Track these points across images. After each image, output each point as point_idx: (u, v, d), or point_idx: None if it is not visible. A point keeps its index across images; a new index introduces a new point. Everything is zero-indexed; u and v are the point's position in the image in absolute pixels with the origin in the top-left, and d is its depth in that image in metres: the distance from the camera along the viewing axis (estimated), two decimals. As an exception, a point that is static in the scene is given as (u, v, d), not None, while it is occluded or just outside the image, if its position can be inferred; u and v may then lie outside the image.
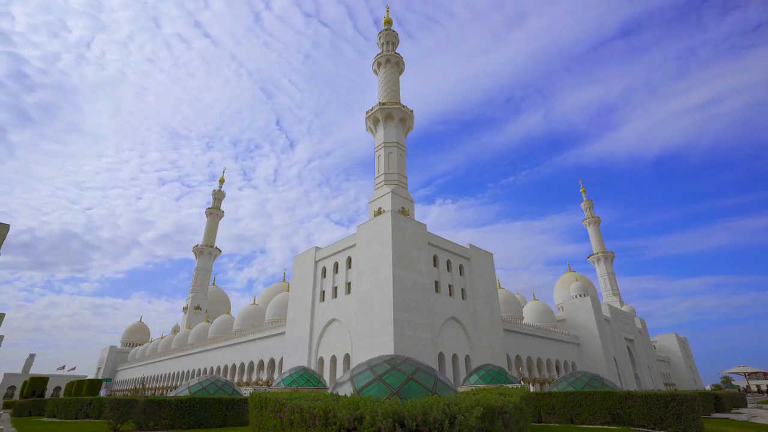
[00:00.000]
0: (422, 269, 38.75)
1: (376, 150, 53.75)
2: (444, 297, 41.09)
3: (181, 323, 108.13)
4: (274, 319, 60.39)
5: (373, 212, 48.29)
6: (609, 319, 73.40)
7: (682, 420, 16.15)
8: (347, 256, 42.47)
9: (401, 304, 34.89)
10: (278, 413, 8.21)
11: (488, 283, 48.41)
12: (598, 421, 18.48)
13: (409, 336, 34.53)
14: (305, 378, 28.70)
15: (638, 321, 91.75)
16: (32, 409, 37.25)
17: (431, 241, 41.98)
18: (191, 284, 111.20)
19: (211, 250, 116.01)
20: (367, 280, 37.74)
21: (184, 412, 18.36)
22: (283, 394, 9.70)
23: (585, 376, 23.23)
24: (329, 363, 39.94)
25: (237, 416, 19.81)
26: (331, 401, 7.20)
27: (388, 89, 58.20)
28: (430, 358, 35.54)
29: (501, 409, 7.20)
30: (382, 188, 49.82)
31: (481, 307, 45.33)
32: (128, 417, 18.51)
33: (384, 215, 39.12)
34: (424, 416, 6.08)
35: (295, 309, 47.48)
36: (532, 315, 70.62)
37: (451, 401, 6.84)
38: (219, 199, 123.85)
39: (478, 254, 48.37)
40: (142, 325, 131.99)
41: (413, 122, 56.69)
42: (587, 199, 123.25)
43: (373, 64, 61.85)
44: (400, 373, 10.97)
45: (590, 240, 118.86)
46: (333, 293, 43.06)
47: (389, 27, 63.85)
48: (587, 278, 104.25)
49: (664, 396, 16.99)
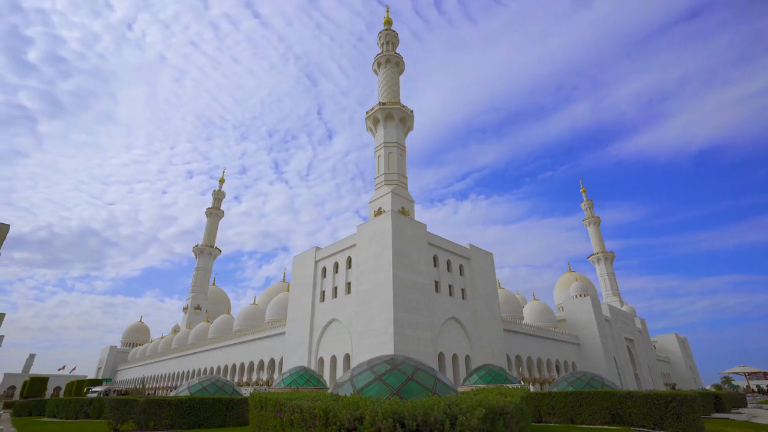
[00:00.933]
0: (422, 269, 38.75)
1: (376, 150, 53.76)
2: (444, 297, 41.08)
3: (181, 323, 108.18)
4: (274, 319, 60.38)
5: (373, 212, 48.30)
6: (609, 319, 73.42)
7: (682, 420, 16.15)
8: (347, 256, 42.46)
9: (401, 304, 34.88)
10: (278, 413, 8.20)
11: (488, 283, 48.40)
12: (598, 421, 18.48)
13: (409, 336, 34.52)
14: (305, 378, 28.70)
15: (638, 321, 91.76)
16: (32, 409, 37.21)
17: (431, 241, 41.98)
18: (191, 284, 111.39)
19: (211, 250, 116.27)
20: (367, 280, 37.73)
21: (184, 412, 18.35)
22: (283, 394, 9.69)
23: (585, 376, 23.23)
24: (329, 363, 39.93)
25: (237, 416, 19.79)
26: (331, 401, 7.19)
27: (388, 89, 58.18)
28: (430, 358, 35.53)
29: (502, 409, 7.18)
30: (382, 188, 49.83)
31: (481, 307, 45.33)
32: (128, 417, 18.49)
33: (384, 215, 39.11)
34: (424, 416, 6.07)
35: (295, 309, 47.47)
36: (532, 315, 70.62)
37: (452, 401, 6.83)
38: (219, 199, 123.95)
39: (478, 254, 48.36)
40: (142, 325, 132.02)
41: (413, 122, 56.69)
42: (587, 199, 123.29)
43: (373, 64, 61.84)
44: (400, 373, 10.95)
45: (590, 240, 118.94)
46: (333, 293, 43.05)
47: (389, 27, 63.81)
48: (587, 278, 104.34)
49: (664, 396, 16.98)
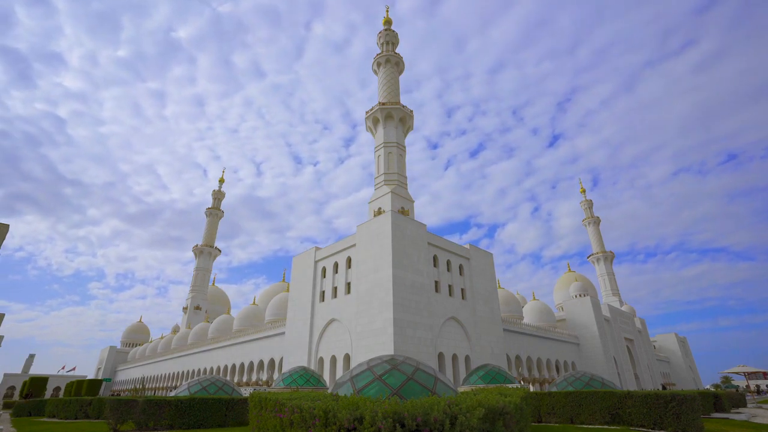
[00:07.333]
0: (422, 269, 38.74)
1: (375, 150, 53.75)
2: (444, 297, 41.08)
3: (181, 323, 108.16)
4: (274, 319, 60.36)
5: (372, 212, 48.29)
6: (609, 319, 73.43)
7: (681, 420, 16.15)
8: (347, 256, 42.45)
9: (401, 304, 34.88)
10: (278, 413, 8.21)
11: (488, 283, 48.41)
12: (597, 421, 18.48)
13: (409, 336, 34.52)
14: (305, 378, 28.68)
15: (638, 321, 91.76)
16: (32, 410, 37.21)
17: (431, 241, 41.98)
18: (191, 284, 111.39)
19: (211, 250, 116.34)
20: (366, 280, 37.72)
21: (184, 412, 18.35)
22: (283, 394, 9.70)
23: (585, 376, 23.24)
24: (329, 363, 39.92)
25: (237, 416, 19.79)
26: (331, 401, 7.19)
27: (387, 89, 58.20)
28: (430, 358, 35.52)
29: (502, 409, 7.19)
30: (381, 188, 49.83)
31: (481, 307, 45.33)
32: (128, 417, 18.49)
33: (384, 215, 39.10)
34: (424, 416, 6.07)
35: (294, 309, 47.46)
36: (532, 315, 70.62)
37: (452, 401, 6.83)
38: (219, 199, 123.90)
39: (477, 254, 48.38)
40: (142, 325, 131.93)
41: (413, 122, 56.70)
42: (586, 198, 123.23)
43: (373, 64, 61.84)
44: (400, 373, 10.95)
45: (590, 240, 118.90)
46: (333, 293, 43.04)
47: (389, 27, 63.81)
48: (587, 278, 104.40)
49: (663, 396, 16.98)
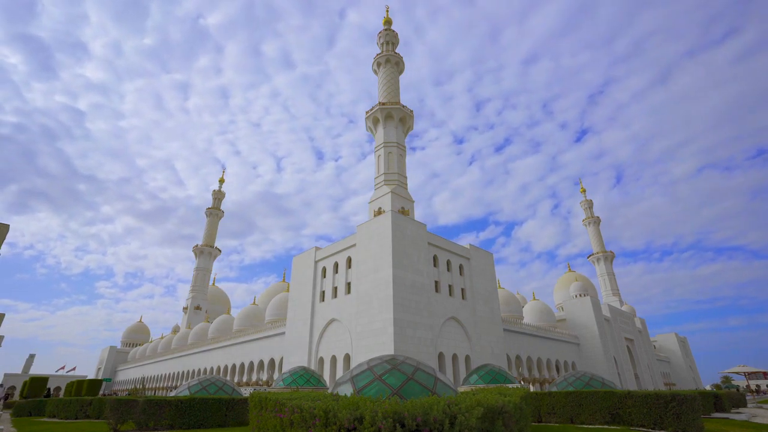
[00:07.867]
0: (422, 269, 38.75)
1: (375, 150, 53.76)
2: (444, 297, 41.08)
3: (181, 323, 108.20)
4: (274, 319, 60.36)
5: (372, 212, 48.29)
6: (609, 318, 73.42)
7: (681, 420, 16.15)
8: (347, 256, 42.45)
9: (401, 304, 34.88)
10: (278, 413, 8.21)
11: (488, 283, 48.40)
12: (597, 421, 18.48)
13: (409, 336, 34.53)
14: (305, 378, 28.68)
15: (638, 321, 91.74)
16: (32, 410, 37.18)
17: (431, 241, 41.98)
18: (191, 284, 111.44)
19: (211, 250, 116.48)
20: (366, 280, 37.73)
21: (184, 412, 18.34)
22: (283, 394, 9.70)
23: (585, 376, 23.24)
24: (329, 363, 39.92)
25: (237, 416, 19.78)
26: (331, 401, 7.20)
27: (388, 89, 58.21)
28: (430, 358, 35.53)
29: (501, 409, 7.20)
30: (381, 188, 49.84)
31: (481, 307, 45.34)
32: (128, 417, 18.48)
33: (384, 215, 39.10)
34: (424, 416, 6.07)
35: (294, 309, 47.46)
36: (532, 315, 70.61)
37: (451, 401, 6.83)
38: (219, 199, 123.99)
39: (478, 254, 48.38)
40: (142, 325, 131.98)
41: (413, 122, 56.72)
42: (586, 198, 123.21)
43: (373, 64, 61.87)
44: (400, 373, 10.95)
45: (590, 240, 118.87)
46: (333, 293, 43.04)
47: (389, 27, 63.84)
48: (587, 278, 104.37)
49: (663, 396, 16.98)
